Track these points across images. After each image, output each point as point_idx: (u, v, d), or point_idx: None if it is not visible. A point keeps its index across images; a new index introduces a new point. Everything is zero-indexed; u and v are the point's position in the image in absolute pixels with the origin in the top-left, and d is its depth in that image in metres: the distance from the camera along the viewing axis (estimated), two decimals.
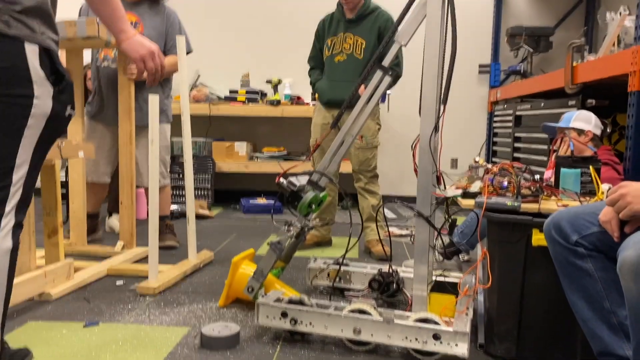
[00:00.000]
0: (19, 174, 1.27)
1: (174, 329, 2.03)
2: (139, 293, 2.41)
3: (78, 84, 3.03)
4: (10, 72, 1.19)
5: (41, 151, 1.33)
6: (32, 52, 1.22)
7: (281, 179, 2.05)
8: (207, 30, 5.23)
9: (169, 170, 3.48)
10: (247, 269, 2.24)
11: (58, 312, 2.17)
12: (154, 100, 2.54)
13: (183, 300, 2.35)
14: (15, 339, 1.90)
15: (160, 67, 1.57)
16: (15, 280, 2.16)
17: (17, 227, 1.32)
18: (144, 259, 3.01)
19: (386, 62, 1.99)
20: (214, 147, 4.97)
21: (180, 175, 4.81)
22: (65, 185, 3.30)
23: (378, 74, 2.00)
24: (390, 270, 2.30)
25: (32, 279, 2.25)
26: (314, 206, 2.06)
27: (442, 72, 1.91)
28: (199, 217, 4.32)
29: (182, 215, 4.33)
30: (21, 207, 1.31)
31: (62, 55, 2.97)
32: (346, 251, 2.13)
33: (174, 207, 4.38)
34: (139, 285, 2.44)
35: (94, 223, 3.46)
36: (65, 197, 3.29)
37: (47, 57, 1.26)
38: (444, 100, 1.86)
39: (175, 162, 4.78)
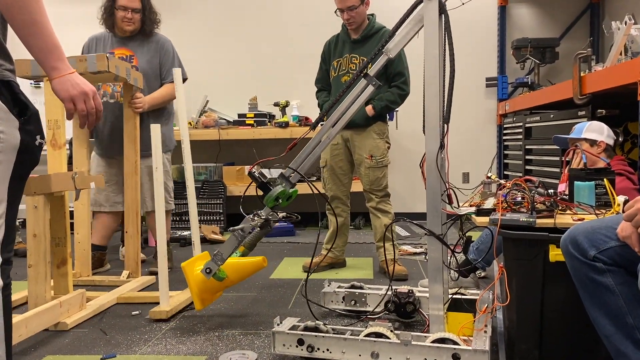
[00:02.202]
0: None
1: (191, 358, 2.01)
2: (152, 318, 2.42)
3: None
4: None
5: (17, 185, 1.28)
6: None
7: (253, 169, 2.05)
8: (215, 56, 5.30)
9: (172, 195, 3.52)
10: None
11: (75, 345, 2.17)
12: (155, 129, 2.59)
13: (199, 328, 2.34)
14: None
15: (94, 109, 1.40)
16: (33, 312, 2.19)
17: (6, 264, 1.28)
18: (150, 287, 3.05)
19: (372, 72, 1.99)
20: (225, 172, 4.99)
21: None
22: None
23: (362, 82, 2.00)
24: (391, 289, 2.28)
25: (49, 310, 2.27)
26: (281, 200, 2.05)
27: (444, 89, 1.91)
28: (212, 241, 4.34)
29: None
30: (6, 244, 1.26)
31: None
32: None
33: (185, 233, 4.40)
34: (151, 310, 2.45)
35: (102, 256, 3.47)
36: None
37: (7, 90, 1.21)
38: (446, 119, 1.86)
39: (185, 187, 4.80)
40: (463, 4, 2.05)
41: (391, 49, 1.96)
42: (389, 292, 2.29)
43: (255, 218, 2.09)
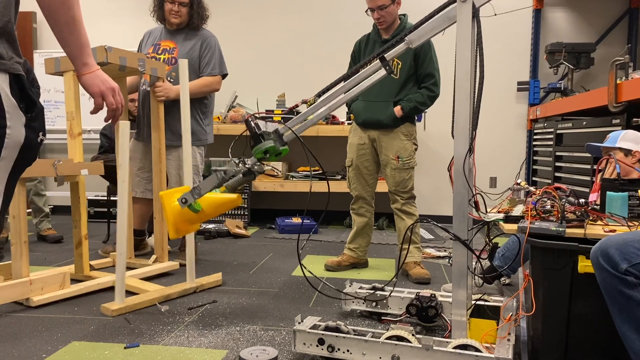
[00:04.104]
0: None
1: (212, 351, 2.04)
2: (101, 311, 2.48)
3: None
4: None
5: (13, 181, 1.27)
6: (3, 81, 1.16)
7: (250, 118, 2.05)
8: (245, 52, 5.34)
9: None
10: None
11: (100, 332, 2.22)
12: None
13: (221, 322, 2.36)
14: (59, 359, 1.95)
15: (120, 104, 1.48)
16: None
17: None
18: (168, 273, 3.19)
19: (389, 56, 1.97)
20: None
21: None
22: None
23: (377, 64, 1.98)
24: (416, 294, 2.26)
25: (18, 285, 2.53)
26: (268, 155, 2.05)
27: (475, 93, 1.89)
28: (236, 236, 4.38)
29: (219, 234, 4.40)
30: None
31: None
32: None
33: (210, 226, 4.45)
34: (102, 305, 2.49)
35: (140, 240, 3.58)
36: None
37: (17, 84, 1.20)
38: (474, 126, 1.83)
39: None
40: (495, 14, 2.01)
41: (413, 40, 1.94)
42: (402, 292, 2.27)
43: (240, 164, 2.09)
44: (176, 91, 3.21)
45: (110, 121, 1.52)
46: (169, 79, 3.29)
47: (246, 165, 2.07)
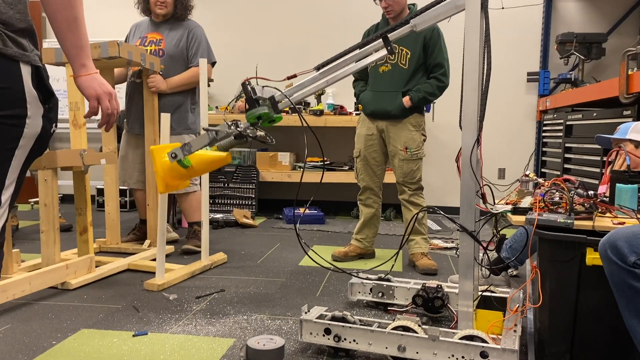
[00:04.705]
0: (7, 195, 1.23)
1: (220, 340, 2.05)
2: (145, 288, 2.66)
3: None
4: (8, 94, 1.15)
5: (25, 169, 1.29)
6: (26, 73, 1.18)
7: (247, 81, 2.04)
8: (252, 41, 5.32)
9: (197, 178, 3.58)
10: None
11: (109, 320, 2.24)
12: (165, 118, 2.76)
13: (228, 311, 2.38)
14: (68, 346, 1.97)
15: (116, 110, 1.46)
16: (39, 271, 2.52)
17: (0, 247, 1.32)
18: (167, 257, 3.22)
19: (392, 37, 1.95)
20: (258, 157, 5.03)
21: (226, 184, 4.90)
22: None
23: (379, 43, 1.97)
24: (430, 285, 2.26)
25: (56, 270, 2.62)
26: (261, 121, 2.04)
27: (483, 84, 1.87)
28: (244, 226, 4.40)
29: (227, 224, 4.42)
30: (4, 229, 1.28)
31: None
32: None
33: (218, 215, 4.47)
34: (146, 282, 2.67)
35: (139, 229, 3.67)
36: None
37: (37, 76, 1.22)
38: (480, 118, 1.82)
39: (220, 171, 4.87)
40: (503, 8, 1.99)
41: (418, 24, 1.93)
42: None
43: (233, 127, 2.09)
44: (170, 83, 3.36)
45: (104, 127, 1.49)
46: (160, 72, 3.35)
47: (238, 129, 2.07)
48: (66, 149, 2.74)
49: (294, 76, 2.18)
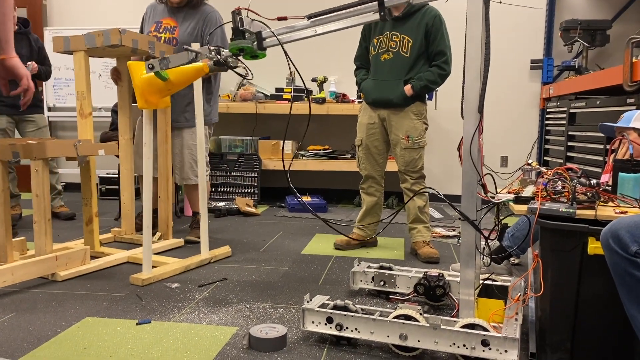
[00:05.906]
0: None
1: (222, 328, 2.07)
2: (130, 282, 2.61)
3: (127, 86, 3.36)
4: None
5: None
6: None
7: (238, 11, 2.02)
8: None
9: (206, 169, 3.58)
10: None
11: (112, 309, 2.26)
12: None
13: (231, 299, 2.39)
14: (73, 334, 1.99)
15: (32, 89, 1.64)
16: (23, 262, 2.53)
17: None
18: (174, 249, 3.27)
19: (388, 4, 1.94)
20: (260, 145, 5.03)
21: (228, 173, 4.90)
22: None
23: (373, 5, 1.95)
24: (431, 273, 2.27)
25: (44, 260, 2.60)
26: (243, 54, 2.03)
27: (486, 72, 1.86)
28: (246, 214, 4.41)
29: (230, 212, 4.43)
30: None
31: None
32: None
33: (221, 204, 4.48)
34: (132, 276, 2.62)
35: (155, 217, 3.61)
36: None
37: None
38: (479, 108, 1.81)
39: (223, 159, 4.87)
40: (501, 2, 1.96)
41: None
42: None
43: (214, 53, 2.08)
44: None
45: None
46: None
47: (219, 55, 2.06)
48: (57, 139, 2.73)
49: (285, 19, 2.17)
